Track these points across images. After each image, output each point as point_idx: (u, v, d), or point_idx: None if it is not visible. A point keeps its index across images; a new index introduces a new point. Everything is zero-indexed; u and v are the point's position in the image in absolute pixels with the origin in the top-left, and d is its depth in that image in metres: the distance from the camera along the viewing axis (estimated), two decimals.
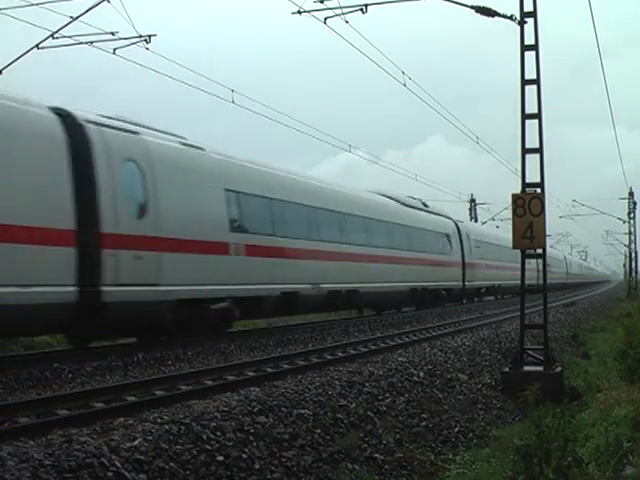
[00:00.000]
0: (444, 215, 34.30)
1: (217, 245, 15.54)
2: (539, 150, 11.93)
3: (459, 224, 35.33)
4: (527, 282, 12.42)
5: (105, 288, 12.41)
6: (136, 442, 6.06)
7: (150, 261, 13.43)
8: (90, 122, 12.88)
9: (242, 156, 18.03)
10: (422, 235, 29.81)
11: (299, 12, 15.34)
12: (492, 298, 40.81)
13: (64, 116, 12.46)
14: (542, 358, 11.81)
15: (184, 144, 15.48)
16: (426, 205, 32.97)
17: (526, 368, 11.81)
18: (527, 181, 11.88)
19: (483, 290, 37.88)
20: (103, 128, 13.08)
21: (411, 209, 30.17)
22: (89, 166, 12.50)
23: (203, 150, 16.02)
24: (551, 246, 59.12)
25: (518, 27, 11.74)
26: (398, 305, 28.37)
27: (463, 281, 34.02)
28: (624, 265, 76.30)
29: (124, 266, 12.77)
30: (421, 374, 11.29)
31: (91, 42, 16.23)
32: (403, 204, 29.38)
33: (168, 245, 13.86)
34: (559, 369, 11.99)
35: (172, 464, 6.00)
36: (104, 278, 12.42)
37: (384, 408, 9.13)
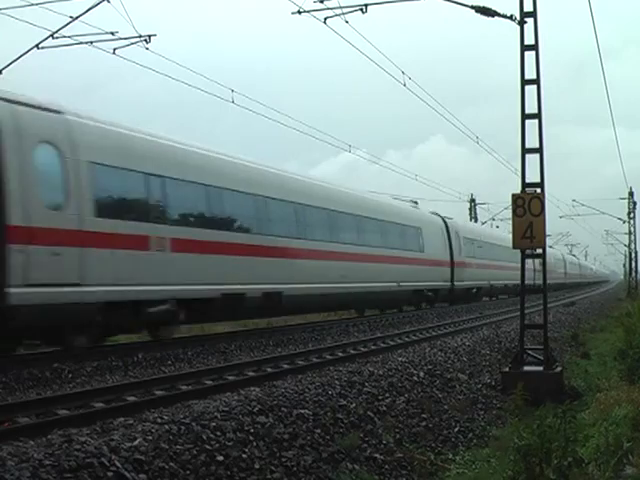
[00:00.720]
0: (435, 213, 32.78)
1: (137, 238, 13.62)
2: (539, 150, 11.93)
3: (447, 220, 32.89)
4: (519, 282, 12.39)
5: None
6: (136, 442, 6.06)
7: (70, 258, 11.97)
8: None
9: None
10: (399, 230, 26.71)
11: (299, 12, 15.35)
12: (486, 299, 40.20)
13: None
14: (542, 358, 11.80)
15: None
16: (416, 202, 32.42)
17: (526, 368, 11.80)
18: (527, 181, 11.88)
19: (474, 291, 35.99)
20: (15, 105, 11.52)
21: (383, 201, 27.69)
22: None
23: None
24: (550, 246, 59.09)
25: (518, 27, 11.75)
26: (358, 307, 25.94)
27: (452, 281, 31.56)
28: (624, 265, 76.36)
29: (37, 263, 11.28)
30: (421, 374, 11.29)
31: (91, 42, 16.24)
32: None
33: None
34: (559, 369, 11.99)
35: (172, 464, 6.00)
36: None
37: (384, 408, 9.13)
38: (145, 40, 15.81)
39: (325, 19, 15.44)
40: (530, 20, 11.70)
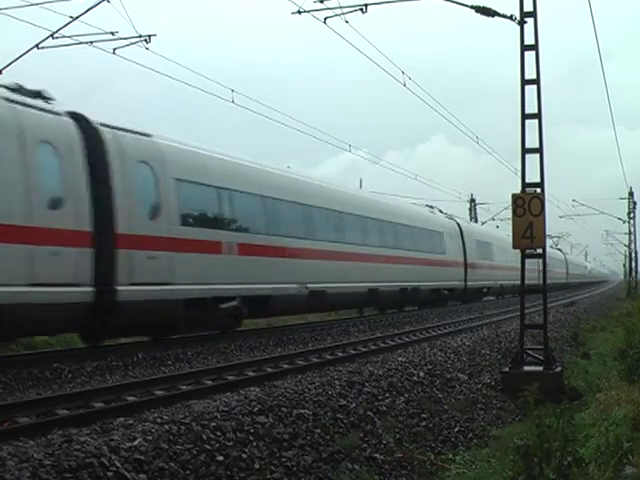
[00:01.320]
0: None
1: None
2: (539, 150, 11.93)
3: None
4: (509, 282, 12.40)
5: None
6: (136, 442, 6.06)
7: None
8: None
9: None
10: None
11: (299, 12, 15.36)
12: (492, 298, 40.58)
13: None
14: (542, 358, 11.80)
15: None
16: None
17: (526, 368, 11.81)
18: (527, 181, 11.88)
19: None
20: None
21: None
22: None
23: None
24: (550, 246, 59.08)
25: (518, 27, 11.75)
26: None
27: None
28: (624, 265, 76.33)
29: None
30: (421, 374, 11.29)
31: (91, 42, 16.25)
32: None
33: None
34: (559, 369, 11.99)
35: (172, 464, 6.00)
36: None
37: (384, 408, 9.12)
38: (145, 40, 15.82)
39: (325, 19, 15.46)
40: (530, 20, 11.70)
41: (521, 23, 11.72)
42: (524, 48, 11.67)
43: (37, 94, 12.57)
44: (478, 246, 36.22)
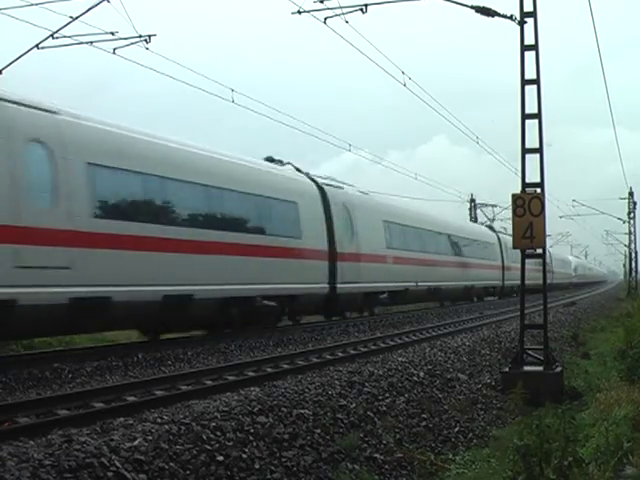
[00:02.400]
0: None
1: None
2: (539, 150, 11.93)
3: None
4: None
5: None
6: (136, 442, 6.06)
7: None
8: None
9: None
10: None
11: (299, 12, 15.34)
12: (493, 298, 40.65)
13: None
14: (542, 358, 11.80)
15: None
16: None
17: (526, 368, 11.80)
18: (527, 181, 11.88)
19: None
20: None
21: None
22: None
23: None
24: (551, 246, 59.09)
25: (518, 27, 11.75)
26: None
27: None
28: (624, 265, 76.34)
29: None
30: (421, 374, 11.29)
31: (91, 42, 16.22)
32: None
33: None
34: (559, 369, 11.99)
35: (172, 464, 6.00)
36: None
37: (384, 408, 9.12)
38: (145, 40, 15.80)
39: (325, 19, 15.45)
40: (530, 20, 11.70)
41: (521, 23, 11.71)
42: (524, 48, 11.68)
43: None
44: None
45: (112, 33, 15.80)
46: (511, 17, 11.98)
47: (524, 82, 11.72)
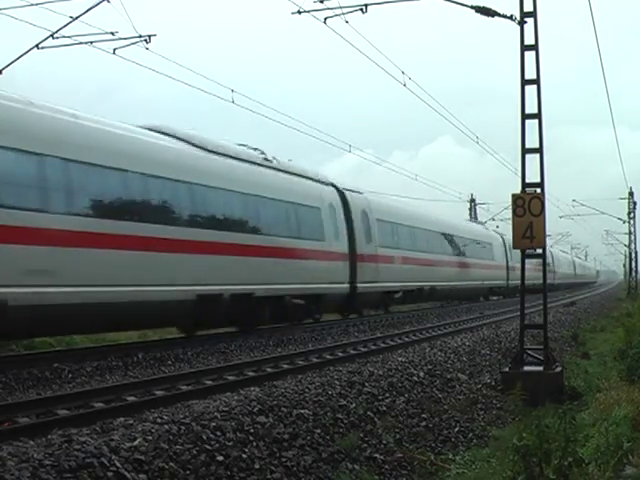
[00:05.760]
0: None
1: None
2: (539, 150, 11.93)
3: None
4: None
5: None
6: (136, 442, 6.06)
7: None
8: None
9: None
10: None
11: (299, 12, 15.34)
12: (496, 298, 40.74)
13: None
14: (542, 358, 11.80)
15: None
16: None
17: (526, 368, 11.80)
18: (527, 181, 11.88)
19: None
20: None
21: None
22: None
23: None
24: (551, 246, 59.04)
25: (518, 27, 11.75)
26: None
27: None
28: (624, 265, 76.32)
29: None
30: (421, 374, 11.29)
31: (91, 42, 16.21)
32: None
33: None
34: (559, 369, 11.99)
35: (172, 464, 5.99)
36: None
37: (384, 408, 9.12)
38: (145, 40, 15.79)
39: (325, 19, 15.44)
40: (530, 20, 11.70)
41: (521, 23, 11.71)
42: (524, 48, 11.68)
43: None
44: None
45: (112, 33, 15.79)
46: (511, 17, 11.97)
47: (524, 82, 11.72)
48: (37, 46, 15.99)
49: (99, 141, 13.50)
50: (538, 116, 11.78)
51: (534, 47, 11.66)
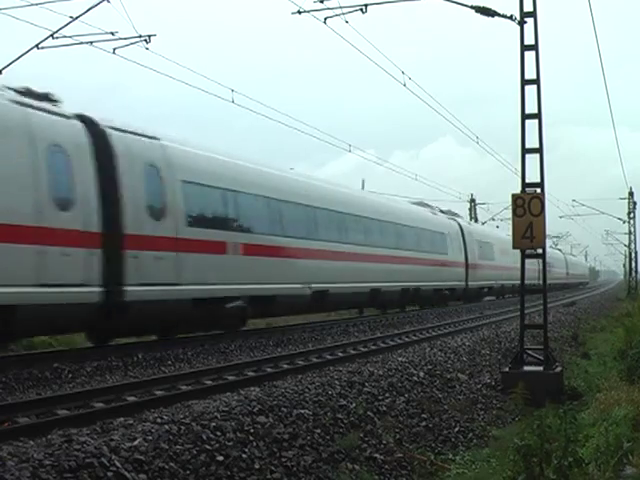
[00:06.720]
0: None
1: None
2: (539, 150, 11.93)
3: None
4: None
5: None
6: (136, 442, 6.06)
7: None
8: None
9: None
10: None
11: (299, 12, 15.34)
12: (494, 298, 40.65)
13: None
14: (542, 358, 11.80)
15: None
16: None
17: (526, 368, 11.80)
18: (528, 181, 11.88)
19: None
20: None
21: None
22: None
23: None
24: (550, 246, 59.01)
25: (518, 27, 11.75)
26: None
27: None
28: (624, 265, 76.31)
29: None
30: (421, 374, 11.28)
31: (91, 42, 16.22)
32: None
33: None
34: (559, 369, 11.99)
35: (172, 464, 6.00)
36: None
37: (384, 408, 9.12)
38: (145, 40, 15.79)
39: (325, 19, 15.44)
40: (530, 20, 11.70)
41: (521, 23, 11.72)
42: (524, 48, 11.68)
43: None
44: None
45: (112, 33, 15.80)
46: (511, 17, 11.98)
47: (524, 82, 11.72)
48: (37, 46, 15.99)
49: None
50: (538, 116, 11.78)
51: (534, 47, 11.66)
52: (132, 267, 13.30)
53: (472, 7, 12.82)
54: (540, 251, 12.45)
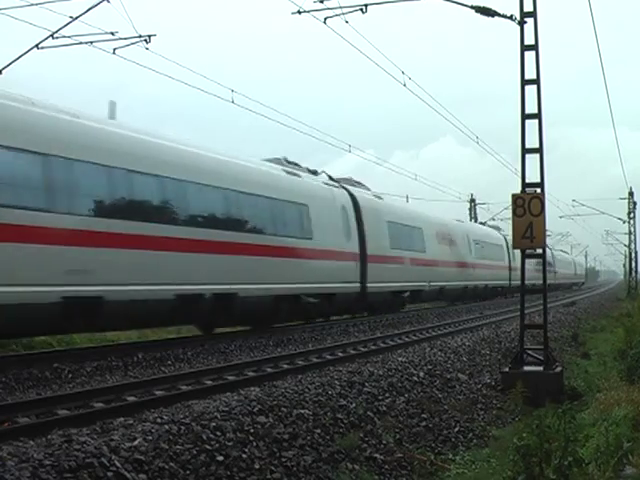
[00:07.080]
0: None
1: None
2: (539, 150, 11.93)
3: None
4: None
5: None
6: (136, 442, 6.06)
7: None
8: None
9: None
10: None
11: (299, 12, 15.33)
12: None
13: None
14: (542, 358, 11.80)
15: None
16: None
17: (526, 368, 11.80)
18: (528, 181, 11.88)
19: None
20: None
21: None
22: None
23: None
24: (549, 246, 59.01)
25: (518, 27, 11.74)
26: None
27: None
28: (624, 265, 76.30)
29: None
30: (421, 374, 11.29)
31: (91, 42, 16.20)
32: None
33: None
34: (559, 369, 11.99)
35: (172, 464, 6.00)
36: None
37: (384, 408, 9.12)
38: (145, 40, 15.78)
39: (325, 19, 15.43)
40: (530, 20, 11.70)
41: (521, 23, 11.71)
42: (524, 48, 11.68)
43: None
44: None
45: (112, 33, 15.78)
46: (511, 17, 11.97)
47: (524, 82, 11.72)
48: (37, 46, 15.98)
49: None
50: (538, 116, 11.78)
51: (534, 47, 11.66)
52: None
53: (472, 7, 12.82)
54: (540, 251, 12.46)
